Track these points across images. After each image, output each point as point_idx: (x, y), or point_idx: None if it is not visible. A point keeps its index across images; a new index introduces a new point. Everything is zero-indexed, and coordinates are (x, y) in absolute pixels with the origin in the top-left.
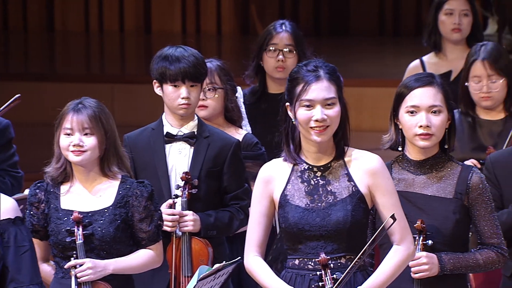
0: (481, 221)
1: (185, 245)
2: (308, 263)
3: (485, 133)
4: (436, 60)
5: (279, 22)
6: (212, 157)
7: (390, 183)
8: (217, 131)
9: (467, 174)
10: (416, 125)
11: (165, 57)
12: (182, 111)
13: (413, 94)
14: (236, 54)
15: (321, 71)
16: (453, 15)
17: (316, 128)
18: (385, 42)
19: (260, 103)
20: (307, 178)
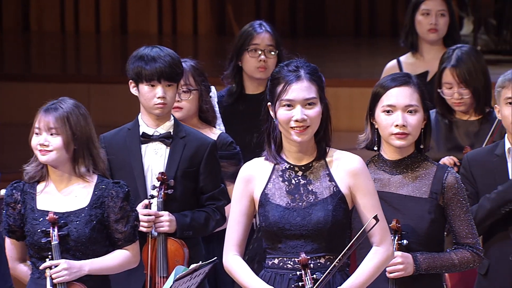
0: (456, 221)
1: (160, 245)
2: (288, 262)
3: (462, 133)
4: (413, 61)
5: (257, 22)
6: (188, 158)
7: (371, 184)
8: (194, 131)
9: (442, 174)
10: (392, 124)
11: (141, 57)
12: (158, 111)
13: (390, 93)
14: (212, 54)
15: (302, 71)
16: (429, 15)
17: (296, 128)
18: (361, 43)
19: (238, 104)
20: (288, 177)
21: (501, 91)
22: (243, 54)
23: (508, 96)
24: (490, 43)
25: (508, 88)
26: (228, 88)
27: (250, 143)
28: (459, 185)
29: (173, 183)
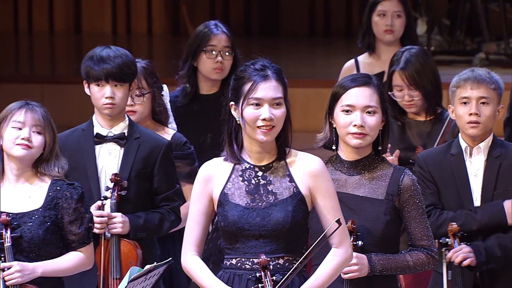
0: (412, 223)
1: (113, 247)
2: (246, 263)
3: (415, 134)
4: (370, 61)
5: (212, 23)
6: (143, 158)
7: (331, 186)
8: (148, 132)
9: (399, 176)
10: (350, 124)
11: (91, 57)
12: (107, 111)
13: (349, 93)
14: (166, 55)
15: (269, 71)
16: (385, 16)
17: (263, 127)
18: (316, 43)
19: (193, 104)
20: (248, 177)
21: (455, 91)
22: (199, 54)
23: (463, 96)
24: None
25: (463, 88)
26: (181, 88)
27: (204, 143)
28: (415, 187)
29: (127, 184)
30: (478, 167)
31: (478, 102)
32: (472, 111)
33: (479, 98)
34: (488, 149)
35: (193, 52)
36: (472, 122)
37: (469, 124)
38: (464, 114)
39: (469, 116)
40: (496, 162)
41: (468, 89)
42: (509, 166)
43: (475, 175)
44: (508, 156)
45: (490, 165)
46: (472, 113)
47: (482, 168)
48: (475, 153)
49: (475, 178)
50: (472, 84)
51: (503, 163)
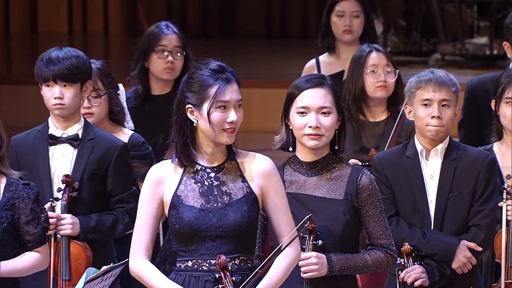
0: (370, 222)
1: (63, 248)
2: (203, 264)
3: (368, 135)
4: (331, 60)
5: (163, 23)
6: (96, 160)
7: (281, 185)
8: (103, 134)
9: (357, 175)
10: (306, 126)
11: (41, 59)
12: (57, 111)
13: (304, 95)
14: (123, 55)
15: (229, 73)
16: (344, 16)
17: (228, 130)
18: (273, 44)
19: (144, 105)
20: (200, 179)
21: (415, 92)
22: (150, 55)
23: (424, 98)
24: (400, 44)
25: (425, 89)
26: (134, 90)
27: (156, 144)
28: (373, 186)
29: (78, 186)
30: (434, 169)
31: (440, 104)
32: (434, 114)
33: (441, 101)
34: (444, 151)
35: (144, 52)
36: (434, 124)
37: (431, 127)
38: (425, 116)
39: (431, 119)
40: (452, 164)
41: (430, 91)
42: (465, 169)
43: (431, 177)
44: (464, 159)
45: (446, 167)
46: (435, 116)
47: (439, 170)
48: (432, 155)
49: (431, 180)
50: (434, 86)
51: (459, 165)
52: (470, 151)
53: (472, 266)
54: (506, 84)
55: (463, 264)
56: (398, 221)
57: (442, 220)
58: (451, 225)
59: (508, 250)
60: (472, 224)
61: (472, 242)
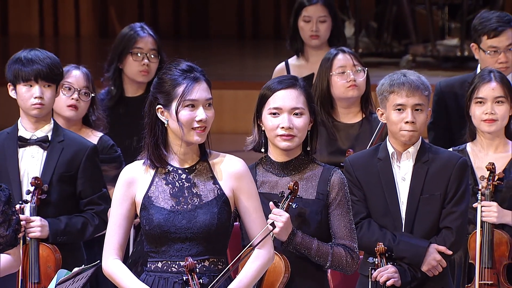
0: (336, 221)
1: (32, 251)
2: (172, 266)
3: (343, 137)
4: (300, 63)
5: (138, 25)
6: (66, 162)
7: (254, 187)
8: (73, 136)
9: (328, 175)
10: (278, 127)
11: (18, 59)
12: (36, 111)
13: (276, 96)
14: (94, 57)
15: (198, 73)
16: (310, 22)
17: (198, 129)
18: (245, 45)
19: (118, 107)
20: (171, 180)
21: (388, 96)
22: (125, 57)
23: (398, 103)
24: (371, 45)
25: (398, 94)
26: (106, 91)
27: (130, 146)
28: (343, 185)
29: (47, 188)
30: (406, 171)
31: (413, 109)
32: (408, 119)
33: (414, 106)
34: (416, 153)
35: (119, 54)
36: (409, 129)
37: (405, 131)
38: (399, 121)
39: (405, 124)
40: (424, 167)
41: (404, 96)
42: (436, 171)
43: (403, 179)
44: (436, 161)
45: (418, 169)
46: (409, 121)
47: (410, 172)
48: (404, 157)
49: (403, 182)
50: (407, 91)
51: (430, 168)
52: (441, 153)
53: (442, 269)
54: (477, 83)
55: (433, 267)
56: (370, 223)
57: (413, 222)
58: (422, 227)
59: (482, 251)
60: (443, 226)
61: (442, 244)
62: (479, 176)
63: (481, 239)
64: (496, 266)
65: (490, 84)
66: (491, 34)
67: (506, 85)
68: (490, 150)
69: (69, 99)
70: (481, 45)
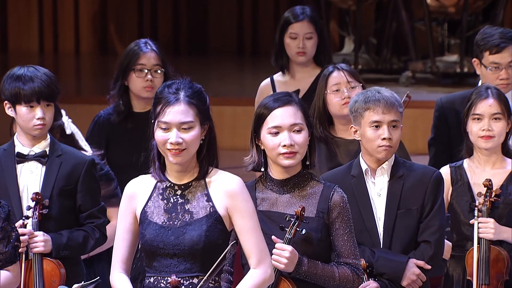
0: (339, 240)
1: (36, 266)
2: (161, 281)
3: (342, 153)
4: (285, 79)
5: (142, 41)
6: (65, 176)
7: (250, 206)
8: (70, 150)
9: (329, 193)
10: (280, 145)
11: (18, 78)
12: (37, 132)
13: (274, 114)
14: (95, 73)
15: (182, 94)
16: (297, 38)
17: (172, 150)
18: (244, 61)
19: (127, 122)
20: (167, 195)
21: (363, 113)
22: (129, 73)
23: (374, 120)
24: (371, 62)
25: (374, 111)
26: (114, 106)
27: (137, 161)
28: (344, 204)
29: (48, 203)
30: (382, 187)
31: (389, 126)
32: (385, 136)
33: (390, 122)
34: (391, 169)
35: (123, 71)
36: (386, 146)
37: (382, 148)
38: (376, 138)
39: (382, 140)
40: (400, 181)
41: (380, 113)
42: (412, 186)
43: (379, 195)
44: (411, 175)
45: (393, 184)
46: (386, 138)
47: (386, 188)
48: (378, 173)
49: (379, 197)
50: (383, 108)
51: (406, 182)
52: (416, 168)
53: (422, 283)
54: (474, 100)
55: (413, 281)
56: None
57: (391, 237)
58: (400, 242)
59: (479, 268)
60: (421, 240)
61: (421, 259)
62: (476, 193)
63: (478, 256)
64: (494, 282)
65: (487, 100)
66: (493, 50)
67: (503, 101)
68: (487, 166)
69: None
70: (483, 60)
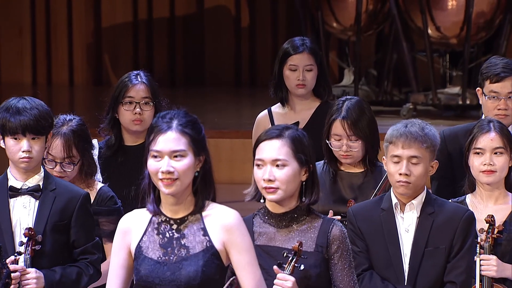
0: (338, 275)
1: None
2: None
3: (346, 186)
4: (284, 111)
5: (134, 73)
6: (59, 210)
7: (247, 240)
8: (65, 184)
9: (328, 227)
10: (261, 179)
11: (6, 109)
12: (24, 165)
13: (260, 147)
14: (89, 105)
15: (174, 122)
16: (297, 70)
17: (164, 180)
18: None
19: (117, 156)
20: (163, 230)
21: (388, 146)
22: (118, 106)
23: (394, 154)
24: (371, 94)
25: (395, 145)
26: (106, 140)
27: (128, 196)
28: (344, 238)
29: (41, 239)
30: (410, 223)
31: (409, 161)
32: (402, 171)
33: (410, 158)
34: (421, 205)
35: (114, 103)
36: (402, 181)
37: (399, 183)
38: (395, 172)
39: (399, 175)
40: (429, 219)
41: (400, 147)
42: (442, 224)
43: (407, 231)
44: (441, 213)
45: (422, 221)
46: (402, 173)
47: (414, 224)
48: (407, 209)
49: (406, 233)
50: (403, 142)
51: (436, 220)
52: (447, 205)
53: None
54: (476, 133)
55: None
56: (372, 275)
57: (416, 275)
58: (425, 281)
59: None
60: (448, 281)
61: None
62: (478, 229)
63: None
64: None
65: (489, 134)
66: (493, 79)
67: (506, 135)
68: (489, 202)
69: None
70: (484, 89)
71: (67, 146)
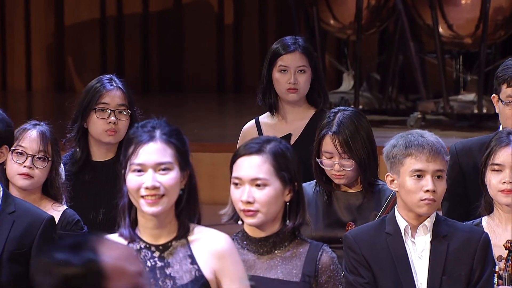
0: None
1: None
2: None
3: (342, 207)
4: (274, 121)
5: (106, 77)
6: (18, 237)
7: (240, 267)
8: (26, 206)
9: (316, 253)
10: (239, 200)
11: None
12: None
13: (237, 163)
14: (49, 113)
15: (158, 132)
16: (288, 72)
17: (147, 197)
18: (226, 100)
19: (84, 173)
20: (143, 258)
21: (404, 160)
22: (89, 114)
23: (417, 169)
24: (373, 101)
25: (417, 158)
26: (70, 154)
27: (95, 219)
28: (335, 266)
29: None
30: (423, 248)
31: (434, 176)
32: (429, 188)
33: (435, 172)
34: (432, 227)
35: (83, 111)
36: (429, 199)
37: (424, 201)
38: (418, 189)
39: (425, 193)
40: (444, 242)
41: (424, 161)
42: (458, 248)
43: (420, 257)
44: (456, 236)
45: (436, 246)
46: (430, 190)
47: (428, 249)
48: (419, 232)
49: (420, 260)
50: (428, 155)
51: (451, 244)
52: (460, 227)
53: None
54: (494, 147)
55: None
56: None
57: None
58: None
59: None
60: None
61: None
62: (497, 256)
63: None
64: None
65: (509, 148)
66: (510, 82)
67: None
68: (509, 225)
69: (21, 166)
70: (500, 95)
71: (43, 138)
